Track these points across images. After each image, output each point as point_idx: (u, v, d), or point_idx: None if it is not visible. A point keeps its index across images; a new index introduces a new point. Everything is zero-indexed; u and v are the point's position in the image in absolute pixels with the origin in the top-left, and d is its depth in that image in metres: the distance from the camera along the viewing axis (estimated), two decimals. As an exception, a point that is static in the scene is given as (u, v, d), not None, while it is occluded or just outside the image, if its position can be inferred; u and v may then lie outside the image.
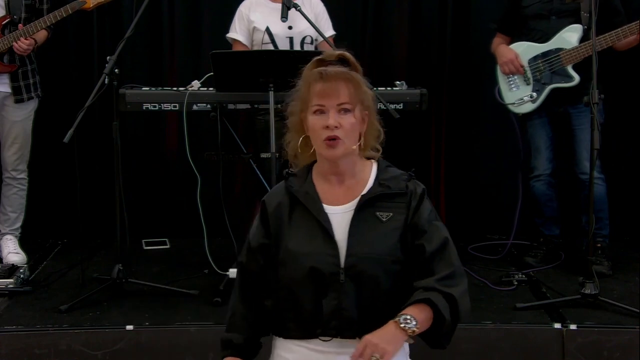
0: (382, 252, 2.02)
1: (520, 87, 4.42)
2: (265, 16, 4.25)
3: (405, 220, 2.05)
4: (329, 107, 2.03)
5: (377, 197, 2.06)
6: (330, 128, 2.01)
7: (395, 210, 2.06)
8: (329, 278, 2.00)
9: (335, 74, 2.04)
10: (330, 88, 2.03)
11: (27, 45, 4.22)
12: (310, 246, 2.02)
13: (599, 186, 4.35)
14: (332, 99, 2.03)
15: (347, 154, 2.05)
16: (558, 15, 4.33)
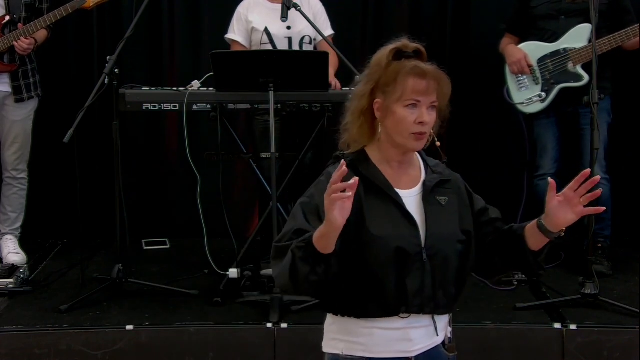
0: (450, 233, 2.15)
1: (529, 87, 4.42)
2: (263, 17, 4.25)
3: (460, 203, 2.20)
4: (423, 104, 2.11)
5: (437, 182, 2.20)
6: (423, 124, 2.11)
7: (449, 195, 2.20)
8: (413, 258, 2.09)
9: (432, 72, 2.13)
10: (427, 85, 2.11)
11: (28, 44, 4.23)
12: (393, 228, 2.10)
13: (603, 186, 4.34)
14: (428, 96, 2.11)
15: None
16: (567, 15, 4.33)
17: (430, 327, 2.14)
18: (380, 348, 2.13)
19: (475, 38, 5.17)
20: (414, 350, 2.14)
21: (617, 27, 4.21)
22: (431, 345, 2.16)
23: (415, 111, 2.11)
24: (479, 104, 5.19)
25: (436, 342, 2.18)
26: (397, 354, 2.13)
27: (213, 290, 3.99)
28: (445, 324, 2.20)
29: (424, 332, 2.14)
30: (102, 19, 5.06)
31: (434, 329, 2.15)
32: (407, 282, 2.09)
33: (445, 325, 2.20)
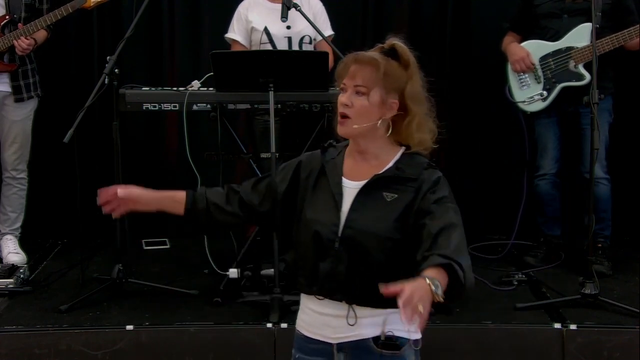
0: (377, 229, 2.14)
1: (530, 86, 4.42)
2: (263, 16, 4.25)
3: (411, 204, 2.15)
4: (347, 87, 2.19)
5: (388, 178, 2.18)
6: (342, 105, 2.18)
7: (402, 194, 2.17)
8: (327, 244, 2.18)
9: (353, 58, 2.20)
10: (353, 70, 2.18)
11: (27, 44, 4.23)
12: (319, 214, 2.20)
13: (604, 186, 4.36)
14: (352, 79, 2.18)
15: (357, 133, 2.19)
16: (570, 14, 4.33)
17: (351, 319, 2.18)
18: (312, 328, 2.26)
19: (476, 38, 5.17)
20: (334, 338, 2.21)
21: (619, 27, 4.22)
22: (354, 337, 2.19)
23: (342, 95, 2.20)
24: (479, 103, 5.19)
25: (362, 334, 2.19)
26: (322, 337, 2.24)
27: (213, 290, 3.99)
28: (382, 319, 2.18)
29: (343, 322, 2.19)
30: (102, 19, 5.06)
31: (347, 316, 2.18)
32: (320, 265, 2.18)
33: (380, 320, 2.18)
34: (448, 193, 2.20)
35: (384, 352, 2.19)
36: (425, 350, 3.70)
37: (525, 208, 4.59)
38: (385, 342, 2.18)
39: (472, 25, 5.19)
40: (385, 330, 2.18)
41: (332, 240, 2.17)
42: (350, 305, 2.18)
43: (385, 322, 2.18)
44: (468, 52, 5.20)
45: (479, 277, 4.33)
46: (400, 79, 2.22)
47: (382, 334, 2.18)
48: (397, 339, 2.19)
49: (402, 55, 2.25)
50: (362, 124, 2.17)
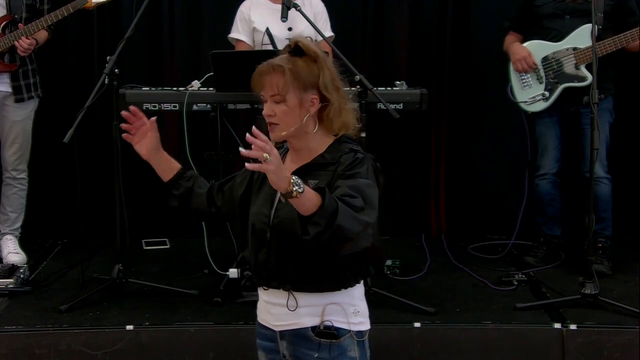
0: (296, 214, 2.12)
1: (532, 86, 4.42)
2: (265, 17, 4.25)
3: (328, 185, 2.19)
4: (266, 98, 2.31)
5: (311, 166, 2.27)
6: (266, 116, 2.31)
7: (322, 178, 2.24)
8: (260, 234, 2.29)
9: (260, 70, 2.29)
10: (261, 81, 2.29)
11: (28, 44, 4.23)
12: (257, 207, 2.33)
13: (604, 186, 4.36)
14: (265, 90, 2.30)
15: (288, 136, 2.29)
16: (572, 14, 4.33)
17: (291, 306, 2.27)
18: (261, 315, 2.39)
19: (476, 38, 5.17)
20: (276, 325, 2.32)
21: (621, 28, 4.22)
22: (294, 326, 2.28)
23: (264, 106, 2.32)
24: (479, 103, 5.19)
25: (301, 323, 2.28)
26: (267, 324, 2.36)
27: (213, 290, 3.99)
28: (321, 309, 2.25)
29: (283, 311, 2.28)
30: (102, 19, 5.06)
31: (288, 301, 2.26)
32: (258, 256, 2.30)
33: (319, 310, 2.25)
34: (362, 170, 2.21)
35: (321, 340, 2.26)
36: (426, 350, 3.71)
37: (525, 208, 4.59)
38: (323, 332, 2.27)
39: (472, 25, 5.19)
40: (324, 319, 2.26)
41: (264, 230, 2.27)
42: (289, 292, 2.26)
43: (324, 312, 2.26)
44: (468, 52, 5.20)
45: (479, 277, 4.34)
46: (311, 74, 2.27)
47: (320, 323, 2.26)
48: (335, 329, 2.27)
49: (307, 51, 2.29)
50: (289, 128, 2.27)
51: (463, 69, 5.21)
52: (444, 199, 5.25)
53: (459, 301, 3.98)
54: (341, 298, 2.28)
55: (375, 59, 5.17)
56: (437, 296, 4.04)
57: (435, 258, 4.69)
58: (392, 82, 4.22)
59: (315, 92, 2.27)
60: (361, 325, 2.32)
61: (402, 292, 4.00)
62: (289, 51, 2.30)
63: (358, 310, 2.32)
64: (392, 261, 4.43)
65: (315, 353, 2.27)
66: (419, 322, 3.64)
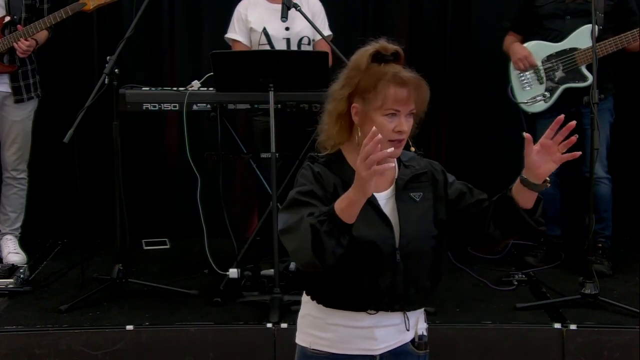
0: (424, 230, 2.17)
1: (533, 86, 4.42)
2: (262, 17, 4.25)
3: (435, 197, 2.21)
4: (402, 113, 2.11)
5: (410, 179, 2.21)
6: (402, 132, 2.12)
7: (423, 190, 2.21)
8: (387, 258, 2.13)
9: (412, 80, 2.11)
10: (406, 94, 2.10)
11: (27, 46, 4.23)
12: (369, 229, 2.11)
13: (604, 186, 4.36)
14: (407, 105, 2.11)
15: None
16: (573, 15, 4.33)
17: (400, 325, 2.18)
18: (345, 345, 2.18)
19: (476, 38, 5.17)
20: (378, 349, 2.18)
21: (622, 28, 4.22)
22: (398, 344, 2.20)
23: (394, 119, 2.11)
24: (479, 103, 5.19)
25: (404, 340, 2.20)
26: (361, 351, 2.18)
27: (213, 290, 3.99)
28: (417, 319, 2.22)
29: (392, 330, 2.18)
30: (102, 19, 5.06)
31: (405, 325, 2.18)
32: (379, 281, 2.13)
33: (416, 321, 2.22)
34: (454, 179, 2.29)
35: (419, 352, 2.23)
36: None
37: (525, 208, 4.58)
38: (421, 343, 2.23)
39: (472, 25, 5.19)
40: (417, 330, 2.22)
41: (391, 253, 2.13)
42: (404, 313, 2.18)
43: (417, 322, 2.22)
44: (468, 52, 5.20)
45: (479, 277, 4.34)
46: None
47: (415, 335, 2.22)
48: (423, 338, 2.24)
49: (403, 58, 2.17)
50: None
51: (463, 69, 5.20)
52: (443, 198, 5.24)
53: (459, 301, 3.98)
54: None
55: (375, 59, 5.16)
56: (437, 296, 4.02)
57: (435, 258, 4.68)
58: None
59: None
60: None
61: (402, 292, 3.99)
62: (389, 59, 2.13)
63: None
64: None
65: None
66: (419, 322, 3.64)
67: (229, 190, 4.91)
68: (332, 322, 2.18)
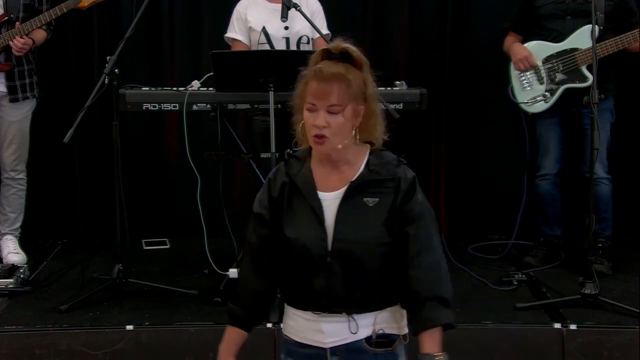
0: (367, 237, 2.14)
1: (533, 87, 4.42)
2: (261, 16, 4.24)
3: (393, 205, 2.15)
4: (319, 107, 2.13)
5: (365, 183, 2.16)
6: (318, 127, 2.12)
7: (382, 196, 2.16)
8: (318, 260, 2.15)
9: (328, 76, 2.12)
10: (322, 89, 2.12)
11: (23, 43, 4.21)
12: (303, 230, 2.16)
13: (605, 186, 4.36)
14: (323, 100, 2.12)
15: (335, 149, 2.16)
16: (573, 15, 4.33)
17: (352, 329, 2.18)
18: (302, 334, 2.24)
19: (476, 38, 5.17)
20: (327, 342, 2.21)
21: (622, 29, 4.22)
22: (349, 339, 2.20)
23: (314, 114, 2.14)
24: (479, 103, 5.19)
25: (357, 336, 2.20)
26: (314, 342, 2.22)
27: (213, 290, 3.99)
28: (372, 320, 2.20)
29: (339, 327, 2.19)
30: (102, 19, 5.06)
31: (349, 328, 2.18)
32: (313, 282, 2.16)
33: (371, 321, 2.20)
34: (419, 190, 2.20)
35: (377, 350, 2.20)
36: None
37: (525, 208, 4.59)
38: (378, 341, 2.21)
39: (472, 25, 5.19)
40: (376, 329, 2.20)
41: (322, 255, 2.14)
42: (350, 316, 2.18)
43: (375, 320, 2.20)
44: (468, 52, 5.20)
45: (479, 277, 4.34)
46: (361, 84, 2.18)
47: (373, 333, 2.20)
48: (388, 336, 2.22)
49: (357, 58, 2.18)
50: (343, 141, 2.14)
51: (463, 69, 5.20)
52: (444, 199, 5.25)
53: (459, 301, 3.95)
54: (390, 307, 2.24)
55: (375, 59, 5.14)
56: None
57: (435, 258, 4.68)
58: (392, 82, 4.22)
59: (362, 103, 2.18)
60: (406, 328, 2.27)
61: (402, 292, 3.99)
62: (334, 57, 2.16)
63: (404, 313, 2.26)
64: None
65: None
66: (419, 322, 3.64)
67: (229, 190, 4.91)
68: (293, 312, 2.26)
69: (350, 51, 2.16)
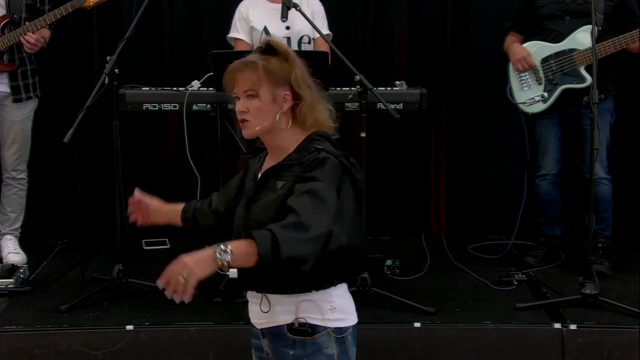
0: (264, 217, 2.22)
1: (532, 87, 4.42)
2: (262, 16, 4.25)
3: (291, 187, 2.22)
4: (239, 95, 2.30)
5: (279, 166, 2.28)
6: (240, 112, 2.29)
7: (288, 179, 2.25)
8: (237, 237, 2.27)
9: (233, 67, 2.31)
10: (232, 79, 2.30)
11: (35, 40, 4.21)
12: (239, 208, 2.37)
13: (605, 187, 4.36)
14: (239, 86, 2.29)
15: (261, 132, 2.30)
16: (572, 15, 4.33)
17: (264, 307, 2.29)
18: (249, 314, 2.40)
19: (476, 38, 5.17)
20: (257, 323, 2.36)
21: (622, 29, 4.22)
22: (271, 324, 2.30)
23: (237, 103, 2.31)
24: (479, 103, 5.20)
25: (275, 322, 2.29)
26: (253, 323, 2.38)
27: (213, 290, 3.99)
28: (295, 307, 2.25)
29: (256, 308, 2.32)
30: (102, 18, 5.06)
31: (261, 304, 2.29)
32: None
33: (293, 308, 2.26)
34: (320, 173, 2.19)
35: (295, 338, 2.27)
36: (425, 350, 3.70)
37: (525, 208, 4.59)
38: (297, 329, 2.26)
39: (472, 25, 5.19)
40: (298, 317, 2.26)
41: (239, 232, 2.29)
42: (263, 294, 2.29)
43: (297, 309, 2.26)
44: (468, 52, 5.20)
45: (479, 277, 4.34)
46: (283, 71, 2.30)
47: (294, 320, 2.26)
48: (310, 326, 2.26)
49: (279, 49, 2.33)
50: (262, 123, 2.27)
51: (463, 69, 5.20)
52: (444, 199, 5.25)
53: (459, 301, 3.98)
54: (317, 295, 2.27)
55: (375, 59, 5.17)
56: (437, 296, 4.04)
57: (435, 258, 4.69)
58: (392, 82, 4.22)
59: (288, 89, 2.29)
60: (340, 321, 2.29)
61: (402, 292, 4.00)
62: (261, 50, 2.34)
63: (335, 306, 2.28)
64: (392, 261, 4.43)
65: (290, 350, 2.27)
66: (419, 322, 3.64)
67: (229, 190, 4.90)
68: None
69: (271, 43, 2.34)
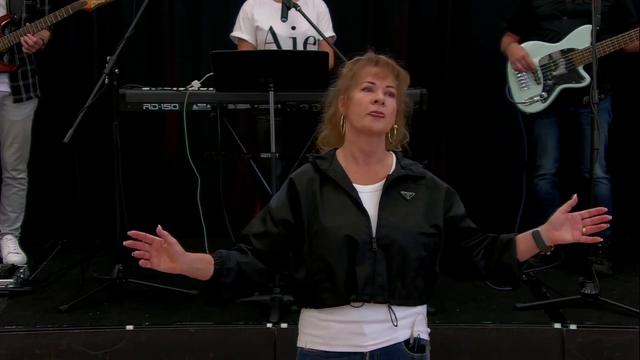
0: (409, 225, 2.20)
1: (530, 87, 4.42)
2: (268, 16, 4.24)
3: (430, 201, 2.26)
4: (378, 87, 2.24)
5: (401, 177, 2.26)
6: (378, 102, 2.22)
7: (417, 191, 2.26)
8: (363, 246, 2.16)
9: (386, 59, 2.29)
10: (383, 71, 2.25)
11: (34, 41, 4.22)
12: (344, 218, 2.19)
13: (604, 186, 4.36)
14: (383, 80, 2.24)
15: (385, 132, 2.27)
16: (570, 15, 4.33)
17: (387, 323, 2.17)
18: (336, 341, 2.20)
19: (476, 38, 5.17)
20: (367, 345, 2.18)
21: (619, 29, 4.22)
22: (389, 342, 2.19)
23: (371, 94, 2.23)
24: (479, 103, 5.20)
25: (396, 338, 2.20)
26: (352, 348, 2.19)
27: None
28: (412, 321, 2.22)
29: (379, 327, 2.18)
30: (102, 19, 5.06)
31: (392, 320, 2.17)
32: (356, 270, 2.16)
33: (411, 322, 2.22)
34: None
35: (414, 355, 2.22)
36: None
37: (524, 208, 4.58)
38: (415, 345, 2.22)
39: (472, 25, 5.19)
40: (413, 331, 2.22)
41: (368, 242, 2.17)
42: (390, 307, 2.18)
43: (414, 324, 2.22)
44: (468, 52, 5.20)
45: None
46: (404, 91, 2.33)
47: (411, 336, 2.22)
48: (421, 341, 2.24)
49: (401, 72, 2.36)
50: (391, 124, 2.27)
51: (463, 69, 5.20)
52: (443, 199, 5.25)
53: (459, 301, 3.98)
54: (422, 308, 2.27)
55: (375, 59, 5.16)
56: (437, 296, 4.03)
57: (435, 258, 4.69)
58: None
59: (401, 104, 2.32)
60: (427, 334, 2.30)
61: (402, 292, 4.00)
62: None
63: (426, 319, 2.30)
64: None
65: None
66: (419, 322, 3.64)
67: (229, 190, 4.90)
68: (324, 319, 2.22)
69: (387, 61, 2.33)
